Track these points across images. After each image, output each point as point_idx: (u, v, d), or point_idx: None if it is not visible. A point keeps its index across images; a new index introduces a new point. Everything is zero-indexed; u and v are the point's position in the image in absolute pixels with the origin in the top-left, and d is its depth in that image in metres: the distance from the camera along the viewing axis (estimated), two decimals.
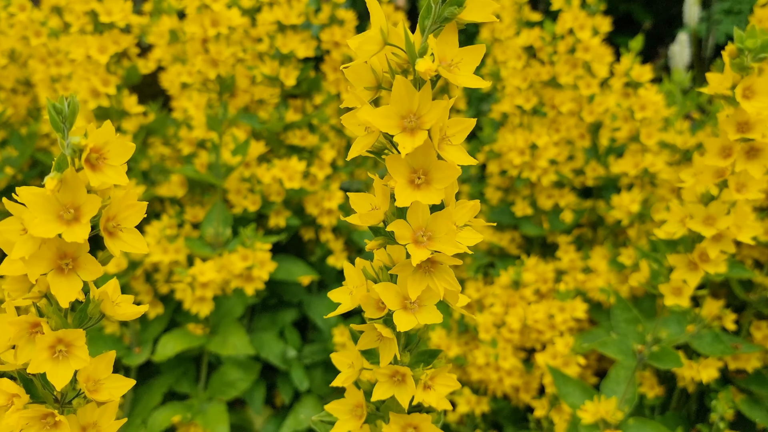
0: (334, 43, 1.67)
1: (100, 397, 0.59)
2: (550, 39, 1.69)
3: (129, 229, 0.56)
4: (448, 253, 0.58)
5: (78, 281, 0.54)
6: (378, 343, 0.64)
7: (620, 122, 1.65)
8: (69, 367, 0.56)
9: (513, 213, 1.82)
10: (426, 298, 0.61)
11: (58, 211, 0.52)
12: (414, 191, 0.56)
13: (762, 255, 1.65)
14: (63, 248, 0.54)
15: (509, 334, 1.55)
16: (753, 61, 0.84)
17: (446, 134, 0.57)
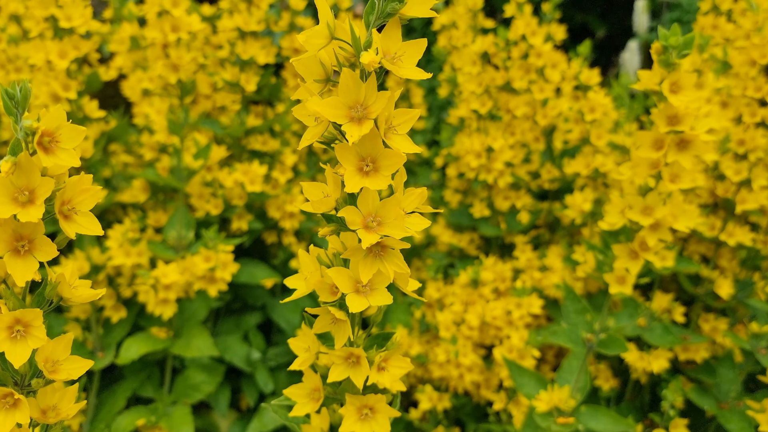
0: (294, 50, 1.70)
1: (58, 377, 0.61)
2: (503, 45, 1.75)
3: (84, 212, 0.58)
4: (397, 236, 0.62)
5: (34, 262, 0.57)
6: (332, 326, 0.67)
7: (572, 124, 1.71)
8: (27, 346, 0.58)
9: (471, 215, 1.87)
10: (377, 281, 0.64)
11: (13, 193, 0.54)
12: (363, 178, 0.60)
13: (708, 250, 1.73)
14: (19, 230, 0.56)
15: (469, 332, 1.60)
16: (677, 57, 0.90)
17: (392, 124, 0.60)
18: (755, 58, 1.65)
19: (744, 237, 1.61)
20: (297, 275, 0.69)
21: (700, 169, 1.57)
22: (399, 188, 0.64)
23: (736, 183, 1.62)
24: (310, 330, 0.70)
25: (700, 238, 1.69)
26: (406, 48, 0.59)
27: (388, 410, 0.71)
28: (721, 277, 1.62)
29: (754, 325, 1.53)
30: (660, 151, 0.97)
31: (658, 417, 1.51)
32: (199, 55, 1.41)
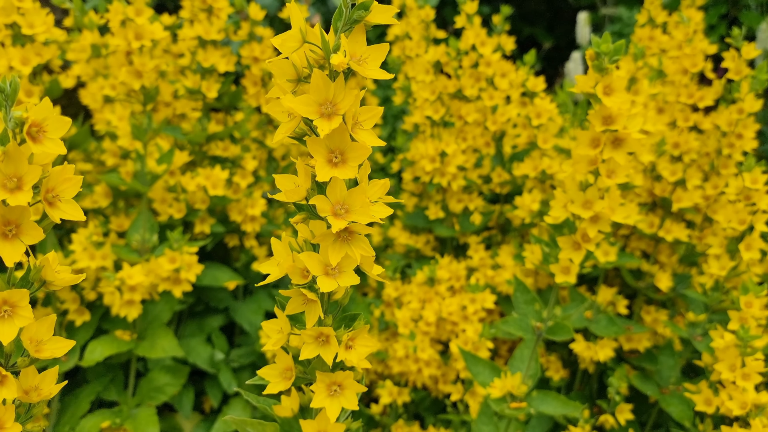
0: (253, 59, 1.75)
1: (43, 356, 0.65)
2: (455, 55, 1.83)
3: (67, 200, 0.63)
4: (363, 222, 0.68)
5: (21, 245, 0.61)
6: (304, 306, 0.73)
7: (520, 129, 1.81)
8: (14, 325, 0.62)
9: (427, 217, 1.94)
10: (345, 264, 0.71)
11: (2, 181, 0.59)
12: (332, 168, 0.66)
13: (648, 247, 1.84)
14: (6, 216, 0.60)
15: (426, 327, 1.66)
16: (609, 62, 0.99)
17: (358, 120, 0.67)
18: (687, 67, 1.78)
19: (680, 233, 1.72)
20: (269, 261, 0.75)
21: (639, 169, 1.68)
22: (364, 179, 0.71)
23: (672, 183, 1.74)
24: (283, 312, 0.75)
25: (640, 235, 1.81)
26: (371, 51, 0.65)
27: (355, 386, 0.77)
28: (660, 271, 1.73)
29: (690, 314, 1.65)
30: (597, 148, 1.06)
31: (605, 403, 1.61)
32: (162, 62, 1.45)
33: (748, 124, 1.69)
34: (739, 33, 1.73)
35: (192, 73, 1.65)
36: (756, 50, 1.72)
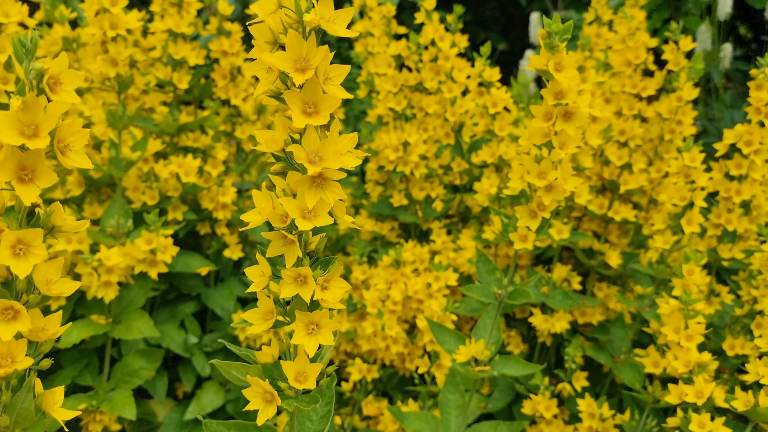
0: (222, 52, 1.82)
1: (53, 293, 0.71)
2: (415, 49, 1.93)
3: (76, 150, 0.70)
4: (335, 167, 0.76)
5: (36, 189, 0.67)
6: (284, 248, 0.80)
7: (477, 118, 1.91)
8: (29, 262, 0.68)
9: (391, 204, 2.03)
10: (320, 208, 0.78)
11: (21, 128, 0.65)
12: (307, 118, 0.74)
13: (599, 228, 1.96)
14: (23, 161, 0.67)
15: (393, 306, 1.74)
16: (559, 41, 1.09)
17: (329, 76, 0.75)
18: (631, 59, 1.90)
19: (628, 213, 1.84)
20: (251, 212, 0.82)
21: (589, 153, 1.80)
22: (334, 132, 0.79)
23: (619, 167, 1.86)
24: (264, 257, 0.83)
25: (592, 217, 1.92)
26: (338, 14, 0.74)
27: (331, 324, 0.84)
28: (611, 250, 1.84)
29: (638, 288, 1.76)
30: (549, 121, 1.16)
31: (562, 373, 1.71)
32: (136, 51, 1.51)
33: (687, 111, 1.83)
34: (677, 27, 1.87)
35: (163, 66, 1.71)
36: (692, 43, 1.86)
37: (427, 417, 1.51)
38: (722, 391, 1.37)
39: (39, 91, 0.66)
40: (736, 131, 1.68)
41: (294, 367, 0.87)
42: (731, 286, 1.86)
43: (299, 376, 0.87)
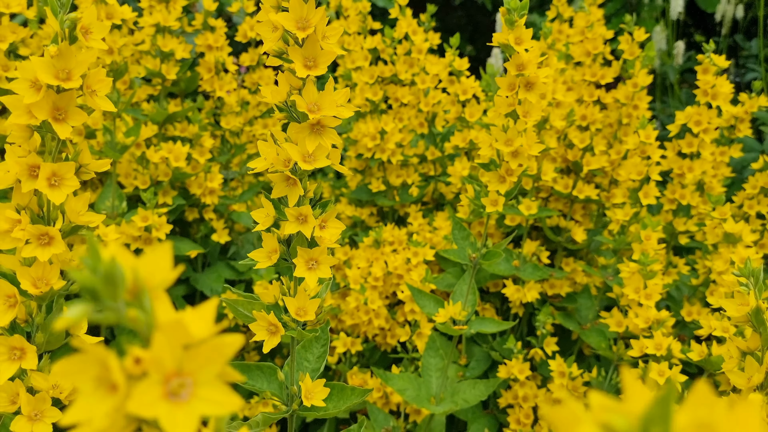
0: (207, 46, 1.92)
1: (82, 221, 0.81)
2: (390, 42, 2.06)
3: (101, 96, 0.80)
4: (331, 114, 0.87)
5: (68, 127, 0.77)
6: (287, 188, 0.90)
7: (449, 106, 2.04)
8: (62, 192, 0.78)
9: (370, 190, 2.14)
10: (318, 153, 0.89)
11: (56, 72, 0.75)
12: (307, 70, 0.85)
13: (565, 207, 2.09)
14: (57, 103, 0.77)
15: (374, 282, 1.85)
16: (518, 17, 1.22)
17: (326, 35, 0.86)
18: (590, 50, 2.05)
19: (591, 192, 1.98)
20: (256, 159, 0.92)
21: (554, 136, 1.93)
22: (329, 87, 0.90)
23: (581, 149, 1.99)
24: (268, 201, 0.93)
25: (558, 196, 2.05)
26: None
27: (328, 260, 0.95)
28: (576, 226, 1.97)
29: (602, 259, 1.90)
30: (513, 91, 1.28)
31: (534, 340, 1.83)
32: (130, 41, 1.60)
33: (642, 96, 1.98)
34: (631, 19, 2.03)
35: (152, 58, 1.80)
36: (645, 34, 2.02)
37: (410, 378, 1.61)
38: (679, 344, 1.51)
39: (72, 40, 0.76)
40: (687, 112, 1.84)
41: (295, 303, 0.97)
42: (688, 261, 2.00)
43: (299, 310, 0.97)
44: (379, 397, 1.78)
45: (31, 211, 0.80)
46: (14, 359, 0.79)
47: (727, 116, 2.01)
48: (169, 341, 0.39)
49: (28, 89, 0.75)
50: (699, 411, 0.32)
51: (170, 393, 0.39)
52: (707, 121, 1.80)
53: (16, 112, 0.76)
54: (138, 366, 0.39)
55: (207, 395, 0.39)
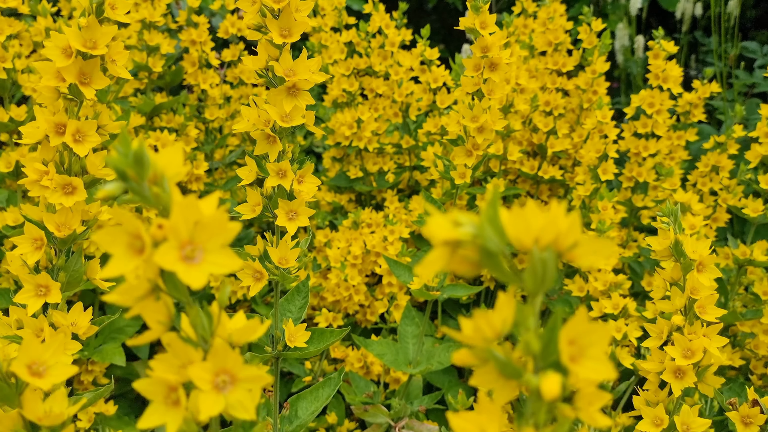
0: (191, 42, 2.03)
1: (100, 174, 0.92)
2: (364, 36, 2.18)
3: (120, 66, 0.91)
4: (304, 77, 0.98)
5: (92, 90, 0.88)
6: (268, 145, 1.02)
7: (421, 94, 2.16)
8: (85, 147, 0.89)
9: (348, 177, 2.25)
10: (294, 113, 1.01)
11: (84, 41, 0.86)
12: (283, 38, 0.97)
13: (532, 189, 2.22)
14: (83, 69, 0.88)
15: (354, 260, 1.96)
16: (483, 3, 1.35)
17: (299, 8, 0.98)
18: (551, 40, 2.19)
19: (555, 173, 2.11)
20: (240, 121, 1.04)
21: (519, 120, 2.06)
22: (303, 56, 1.01)
23: (545, 132, 2.13)
24: (251, 158, 1.04)
25: (525, 178, 2.18)
26: None
27: (306, 211, 1.06)
28: (542, 205, 2.10)
29: None
30: (478, 71, 1.41)
31: None
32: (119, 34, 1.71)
33: (600, 82, 2.11)
34: (589, 11, 2.17)
35: (139, 51, 1.91)
36: (602, 24, 2.16)
37: (388, 343, 1.72)
38: (634, 303, 1.63)
39: (99, 12, 0.87)
40: (641, 95, 1.98)
41: (277, 252, 1.08)
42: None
43: (281, 259, 1.08)
44: (360, 367, 1.88)
45: (56, 163, 0.91)
46: (40, 295, 0.90)
47: (683, 102, 2.15)
48: (184, 215, 0.50)
49: (59, 55, 0.87)
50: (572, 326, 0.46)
51: (185, 257, 0.51)
52: (659, 103, 1.94)
53: (47, 76, 0.87)
54: (160, 231, 0.50)
55: (214, 259, 0.51)
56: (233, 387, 0.54)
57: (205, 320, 0.55)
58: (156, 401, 0.54)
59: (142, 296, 0.54)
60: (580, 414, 0.52)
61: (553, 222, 0.46)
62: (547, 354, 0.48)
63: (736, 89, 2.95)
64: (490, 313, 0.50)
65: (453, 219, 0.47)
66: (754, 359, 1.79)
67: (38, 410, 0.61)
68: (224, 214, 0.51)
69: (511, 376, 0.49)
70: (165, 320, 0.55)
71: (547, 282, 0.48)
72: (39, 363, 0.60)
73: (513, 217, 0.46)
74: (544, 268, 0.47)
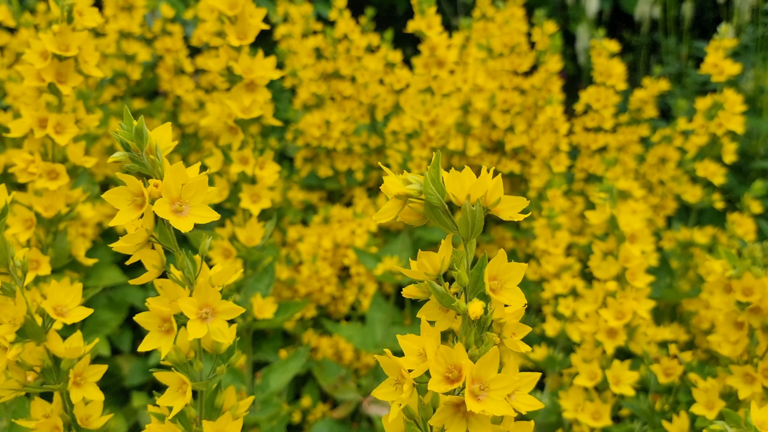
0: (166, 50, 2.15)
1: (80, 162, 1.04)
2: (331, 41, 2.31)
3: (92, 65, 1.03)
4: (261, 74, 1.11)
5: (69, 87, 1.01)
6: (231, 137, 1.14)
7: (386, 95, 2.29)
8: (65, 137, 1.03)
9: (319, 176, 2.37)
10: (253, 106, 1.13)
11: (58, 45, 0.98)
12: (240, 40, 1.09)
13: None
14: (59, 69, 0.99)
15: (324, 253, 2.07)
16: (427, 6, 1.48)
17: (252, 14, 1.10)
18: (507, 42, 2.32)
19: (514, 167, 2.24)
20: (207, 117, 1.15)
21: (477, 117, 2.20)
22: (259, 56, 1.14)
23: (504, 129, 2.26)
24: (218, 149, 1.16)
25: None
26: None
27: (268, 194, 1.18)
28: None
29: (523, 223, 2.15)
30: (427, 69, 1.54)
31: None
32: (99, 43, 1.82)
33: (554, 80, 2.25)
34: (541, 14, 2.31)
35: (117, 59, 2.03)
36: (554, 26, 2.30)
37: (357, 327, 1.84)
38: (583, 282, 1.76)
39: (69, 20, 0.99)
40: (589, 92, 2.12)
41: (245, 233, 1.20)
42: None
43: (248, 239, 1.20)
44: (333, 354, 2.00)
45: (41, 153, 1.03)
46: (32, 269, 1.01)
47: (634, 99, 2.30)
48: (174, 178, 0.64)
49: (38, 58, 0.98)
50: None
51: (175, 210, 0.64)
52: (605, 98, 2.08)
53: (29, 78, 0.99)
54: (156, 189, 0.63)
55: (198, 212, 0.65)
56: (214, 318, 0.68)
57: (190, 265, 0.68)
58: (152, 331, 0.68)
59: (141, 244, 0.67)
60: (506, 341, 0.66)
61: (482, 182, 0.59)
62: (476, 287, 0.61)
63: (688, 86, 3.11)
64: (432, 254, 0.63)
65: (404, 178, 0.60)
66: (699, 335, 1.92)
67: (60, 346, 0.73)
68: (205, 177, 0.64)
69: (446, 305, 0.62)
70: (159, 264, 0.69)
71: (476, 229, 0.61)
72: (62, 306, 0.73)
73: (451, 178, 0.59)
74: (474, 218, 0.60)
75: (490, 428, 0.56)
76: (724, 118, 1.94)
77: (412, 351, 0.59)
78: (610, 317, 1.25)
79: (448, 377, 0.57)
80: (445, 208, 0.59)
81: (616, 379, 1.23)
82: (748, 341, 1.18)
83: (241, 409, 0.79)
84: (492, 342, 0.62)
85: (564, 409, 1.24)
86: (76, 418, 0.79)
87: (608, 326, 1.25)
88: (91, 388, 0.77)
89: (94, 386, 0.77)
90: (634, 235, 1.29)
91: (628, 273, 1.28)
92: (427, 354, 0.57)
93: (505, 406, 0.55)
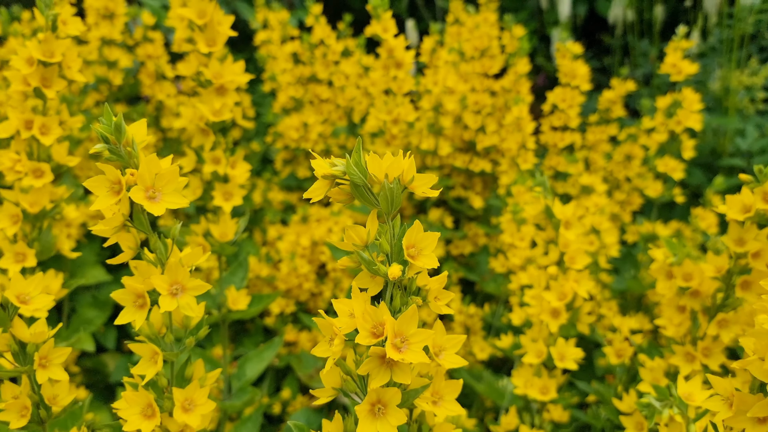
0: (147, 56, 2.22)
1: (64, 161, 1.11)
2: (308, 47, 2.39)
3: (75, 70, 1.10)
4: (230, 79, 1.18)
5: (53, 91, 1.08)
6: (203, 138, 1.21)
7: (361, 98, 2.37)
8: (50, 138, 1.10)
9: (298, 177, 2.45)
10: (224, 109, 1.20)
11: (43, 52, 1.05)
12: (209, 47, 1.17)
13: (466, 181, 2.44)
14: (44, 75, 1.07)
15: (302, 250, 2.15)
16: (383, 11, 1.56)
17: (221, 22, 1.18)
18: (478, 46, 2.41)
19: (485, 165, 2.32)
20: (179, 119, 1.23)
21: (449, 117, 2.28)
22: (228, 61, 1.21)
23: (475, 130, 2.35)
24: (191, 150, 1.24)
25: (459, 171, 2.40)
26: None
27: (239, 192, 1.26)
28: (474, 195, 2.32)
29: (493, 219, 2.24)
30: (387, 70, 1.62)
31: None
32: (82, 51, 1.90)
33: (523, 82, 2.34)
34: (510, 18, 2.40)
35: (99, 66, 2.10)
36: (523, 30, 2.39)
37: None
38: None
39: (53, 28, 1.07)
40: (555, 93, 2.21)
41: (218, 229, 1.27)
42: None
43: (222, 235, 1.28)
44: (311, 347, 2.07)
45: (27, 153, 1.10)
46: (19, 261, 1.09)
47: (603, 100, 2.39)
48: (148, 167, 0.72)
49: (24, 64, 1.06)
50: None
51: (149, 197, 0.72)
52: (571, 98, 2.17)
53: (15, 82, 1.07)
54: (132, 177, 0.71)
55: (170, 199, 0.73)
56: (183, 293, 0.76)
57: (162, 247, 0.76)
58: (128, 306, 0.77)
59: (118, 227, 0.75)
60: (430, 305, 0.74)
61: (398, 162, 0.68)
62: (398, 255, 0.69)
63: (658, 87, 3.21)
64: (359, 227, 0.71)
65: (330, 161, 0.69)
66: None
67: (25, 331, 0.81)
68: (176, 167, 0.72)
69: (372, 271, 0.70)
70: (134, 246, 0.77)
71: (395, 205, 0.70)
72: (25, 294, 0.80)
73: (371, 160, 0.67)
74: (392, 194, 0.68)
75: (410, 375, 0.64)
76: (683, 115, 2.03)
77: (344, 312, 0.67)
78: (552, 298, 1.33)
79: (374, 333, 0.65)
80: (368, 187, 0.67)
81: (561, 355, 1.31)
82: (690, 323, 1.27)
83: (210, 380, 0.87)
84: (414, 303, 0.70)
85: (515, 386, 1.33)
86: (44, 398, 0.86)
87: (551, 307, 1.34)
88: (57, 370, 0.84)
89: (59, 367, 0.84)
90: (569, 221, 1.37)
91: (567, 257, 1.37)
92: (355, 313, 0.65)
93: (422, 356, 0.63)
